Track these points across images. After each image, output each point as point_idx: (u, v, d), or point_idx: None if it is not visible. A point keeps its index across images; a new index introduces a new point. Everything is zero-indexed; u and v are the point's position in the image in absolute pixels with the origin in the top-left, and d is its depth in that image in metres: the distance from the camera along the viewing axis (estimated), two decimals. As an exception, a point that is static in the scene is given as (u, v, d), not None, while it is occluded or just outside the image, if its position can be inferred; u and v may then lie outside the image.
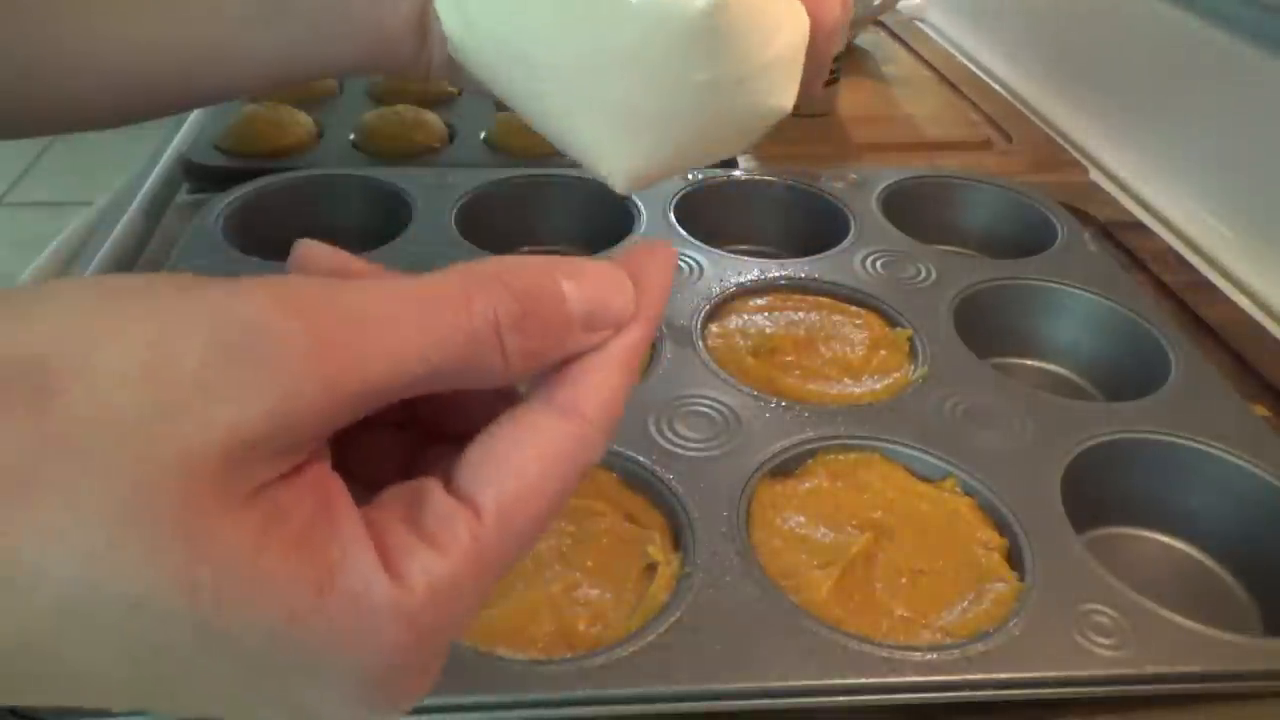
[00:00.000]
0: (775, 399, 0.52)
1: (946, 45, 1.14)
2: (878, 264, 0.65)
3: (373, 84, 0.88)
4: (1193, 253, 0.76)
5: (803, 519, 0.46)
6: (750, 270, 0.63)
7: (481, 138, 0.80)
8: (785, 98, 0.29)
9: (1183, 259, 0.72)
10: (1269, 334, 0.64)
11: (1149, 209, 0.82)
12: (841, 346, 0.58)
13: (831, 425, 0.50)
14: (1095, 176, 0.86)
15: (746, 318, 0.60)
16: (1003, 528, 0.46)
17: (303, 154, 0.77)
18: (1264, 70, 0.71)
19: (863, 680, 0.38)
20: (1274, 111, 0.71)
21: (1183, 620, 0.41)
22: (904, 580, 0.44)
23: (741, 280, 0.62)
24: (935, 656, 0.39)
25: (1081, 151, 0.92)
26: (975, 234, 0.75)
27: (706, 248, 0.65)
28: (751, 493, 0.46)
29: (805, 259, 0.65)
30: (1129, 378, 0.58)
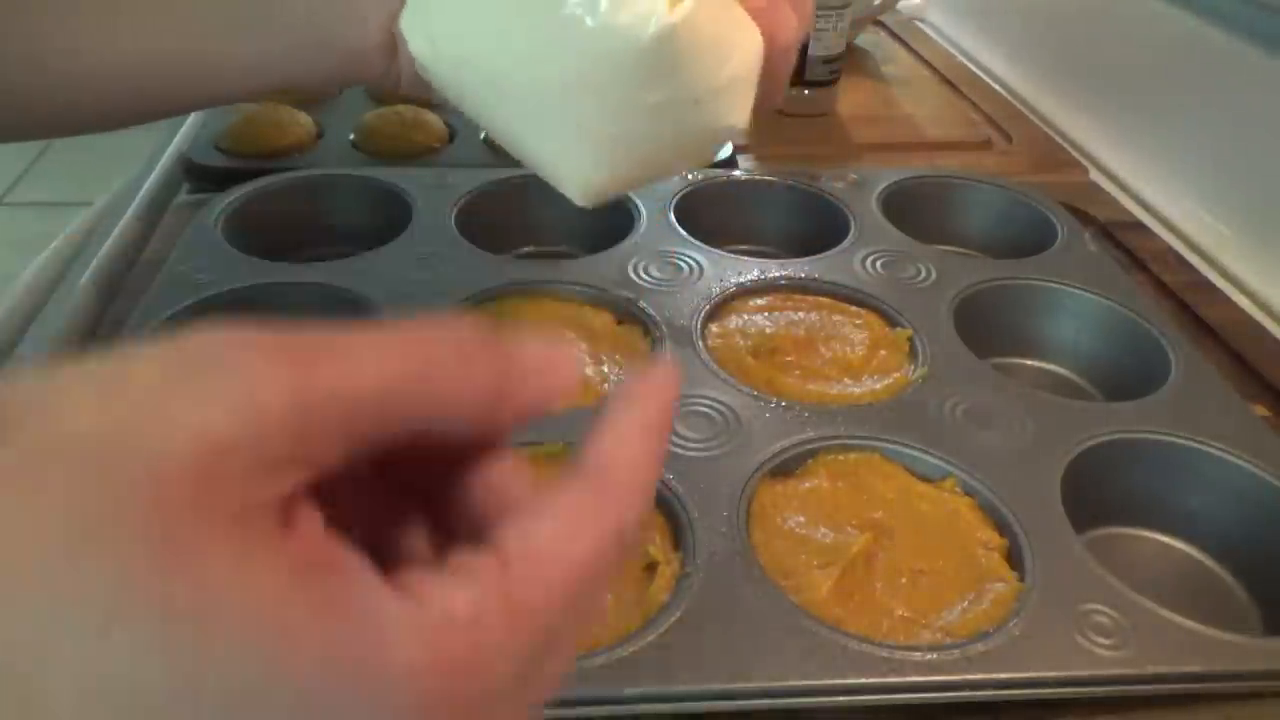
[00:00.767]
0: (775, 399, 0.52)
1: (946, 45, 1.14)
2: (878, 264, 0.65)
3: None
4: (1192, 253, 0.76)
5: (803, 519, 0.46)
6: (750, 270, 0.63)
7: (481, 138, 0.79)
8: (739, 118, 0.30)
9: (1183, 259, 0.72)
10: (1269, 334, 0.64)
11: (1149, 209, 0.82)
12: (841, 346, 0.58)
13: (831, 425, 0.50)
14: (1095, 176, 0.86)
15: (746, 318, 0.60)
16: (1003, 528, 0.46)
17: (303, 154, 0.77)
18: (1263, 70, 0.71)
19: (863, 680, 0.38)
20: (1273, 111, 0.71)
21: (1183, 620, 0.41)
22: (904, 580, 0.44)
23: (741, 280, 0.62)
24: (935, 656, 0.39)
25: (1081, 151, 0.92)
26: (975, 234, 0.74)
27: (706, 248, 0.65)
28: (751, 493, 0.46)
29: (805, 259, 0.65)
30: (1129, 378, 0.58)
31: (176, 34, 0.32)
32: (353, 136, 0.79)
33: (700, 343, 0.56)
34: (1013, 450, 0.49)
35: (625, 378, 0.23)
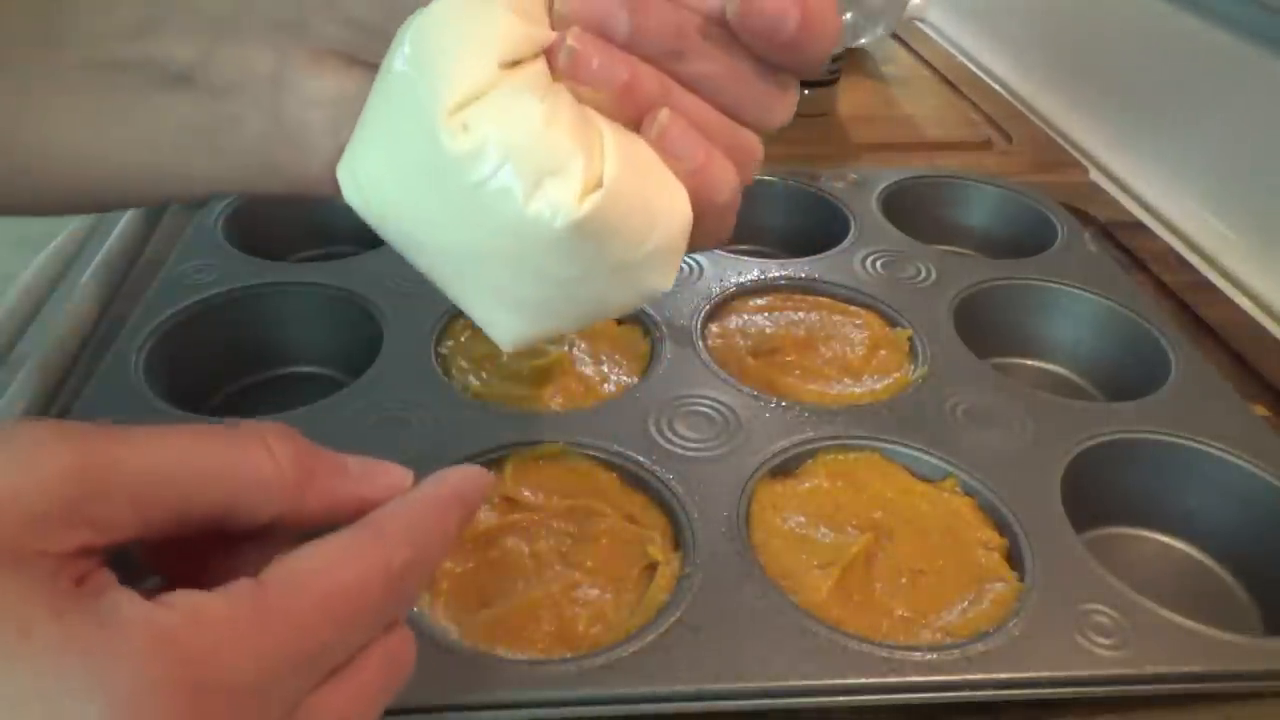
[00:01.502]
0: (775, 399, 0.52)
1: (946, 45, 1.14)
2: (878, 264, 0.65)
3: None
4: (1193, 253, 0.76)
5: (803, 519, 0.46)
6: (750, 270, 0.63)
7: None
8: (663, 281, 0.29)
9: (1183, 259, 0.72)
10: (1269, 334, 0.64)
11: (1149, 209, 0.82)
12: (841, 346, 0.58)
13: (831, 425, 0.50)
14: (1095, 176, 0.86)
15: (746, 318, 0.60)
16: (1003, 528, 0.46)
17: (303, 154, 0.77)
18: (1264, 70, 0.71)
19: (863, 680, 0.38)
20: (1275, 112, 0.71)
21: (1183, 620, 0.41)
22: (904, 580, 0.44)
23: (741, 280, 0.62)
24: (935, 656, 0.39)
25: (1081, 151, 0.92)
26: (975, 234, 0.75)
27: (706, 248, 0.65)
28: (751, 493, 0.46)
29: (805, 259, 0.65)
30: (1129, 378, 0.58)
31: (135, 145, 0.32)
32: (353, 136, 0.79)
33: (700, 343, 0.56)
34: (1013, 450, 0.49)
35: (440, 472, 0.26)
